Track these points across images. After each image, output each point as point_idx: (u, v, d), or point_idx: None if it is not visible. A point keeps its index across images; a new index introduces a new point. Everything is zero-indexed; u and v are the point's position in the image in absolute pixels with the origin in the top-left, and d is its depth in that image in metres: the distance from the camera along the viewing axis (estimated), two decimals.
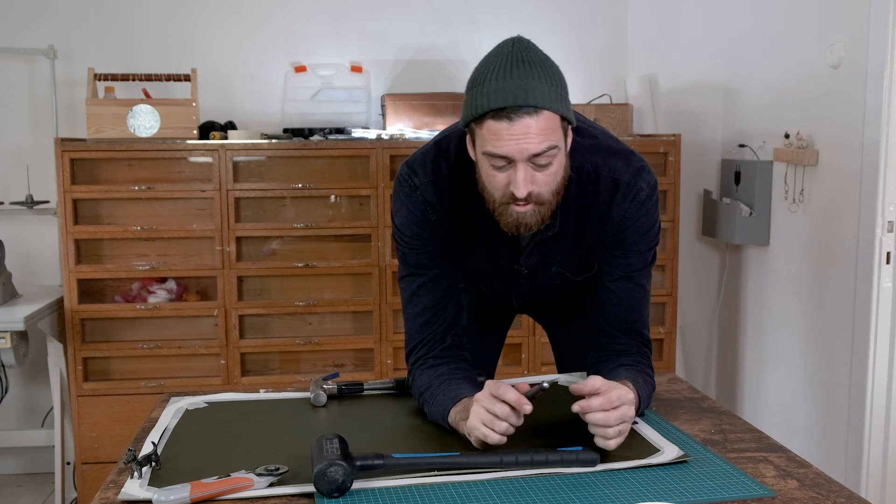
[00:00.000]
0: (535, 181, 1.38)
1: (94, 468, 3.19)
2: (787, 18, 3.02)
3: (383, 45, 3.68)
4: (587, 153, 1.52)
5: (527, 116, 1.33)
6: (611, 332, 1.61)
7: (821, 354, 2.88)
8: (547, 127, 1.35)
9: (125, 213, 3.22)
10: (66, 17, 3.52)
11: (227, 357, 3.23)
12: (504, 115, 1.33)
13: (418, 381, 1.58)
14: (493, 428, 1.34)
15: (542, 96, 1.34)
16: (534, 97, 1.33)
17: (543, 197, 1.40)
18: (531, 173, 1.37)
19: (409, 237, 1.58)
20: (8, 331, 2.93)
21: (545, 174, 1.38)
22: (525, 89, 1.33)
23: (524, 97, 1.32)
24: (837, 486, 1.28)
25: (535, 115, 1.33)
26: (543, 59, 1.38)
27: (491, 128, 1.35)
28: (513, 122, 1.33)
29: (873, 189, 2.57)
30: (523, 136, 1.33)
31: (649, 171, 1.55)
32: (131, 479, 1.28)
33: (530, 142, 1.34)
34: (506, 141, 1.34)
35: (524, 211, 1.40)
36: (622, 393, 1.34)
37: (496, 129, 1.34)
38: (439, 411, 1.50)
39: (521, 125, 1.33)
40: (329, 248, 3.31)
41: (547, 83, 1.35)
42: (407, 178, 1.56)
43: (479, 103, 1.35)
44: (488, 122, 1.35)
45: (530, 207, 1.40)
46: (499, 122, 1.34)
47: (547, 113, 1.34)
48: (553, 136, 1.36)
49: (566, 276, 1.63)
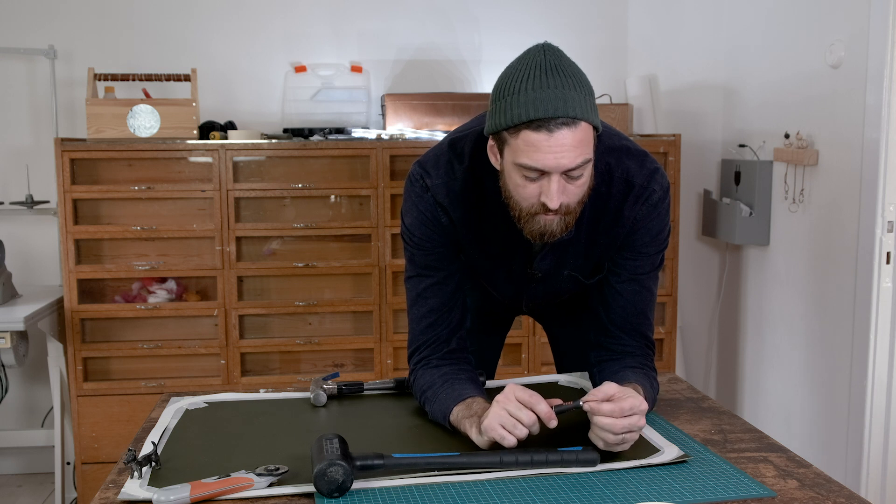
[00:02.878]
0: (566, 192, 1.36)
1: (94, 468, 3.19)
2: (786, 18, 3.02)
3: (383, 45, 3.68)
4: (601, 154, 1.50)
5: (565, 128, 1.31)
6: (615, 332, 1.60)
7: (821, 354, 2.88)
8: (584, 139, 1.33)
9: (125, 213, 3.22)
10: (66, 17, 3.52)
11: (227, 357, 3.23)
12: (543, 126, 1.30)
13: (420, 380, 1.57)
14: (513, 433, 1.33)
15: (580, 107, 1.32)
16: (573, 108, 1.31)
17: (571, 207, 1.39)
18: (563, 185, 1.35)
19: (418, 238, 1.56)
20: (8, 331, 2.93)
21: (576, 185, 1.37)
22: (564, 100, 1.30)
23: (563, 108, 1.30)
24: (837, 486, 1.28)
25: (573, 127, 1.31)
26: (574, 66, 1.36)
27: (528, 139, 1.32)
28: (552, 133, 1.30)
29: (873, 189, 2.57)
30: (560, 148, 1.31)
31: (663, 174, 1.54)
32: (131, 479, 1.28)
33: (567, 155, 1.32)
34: (544, 153, 1.31)
35: (551, 219, 1.39)
36: (636, 403, 1.32)
37: (534, 141, 1.31)
38: (441, 410, 1.49)
39: (559, 137, 1.31)
40: (329, 248, 3.31)
41: (581, 93, 1.33)
42: (419, 178, 1.54)
43: (515, 112, 1.32)
44: (525, 133, 1.32)
45: (558, 217, 1.39)
46: (537, 132, 1.31)
47: (584, 124, 1.33)
48: (587, 148, 1.34)
49: (578, 279, 1.63)
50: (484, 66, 3.72)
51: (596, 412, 1.32)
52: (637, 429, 1.33)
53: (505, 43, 3.63)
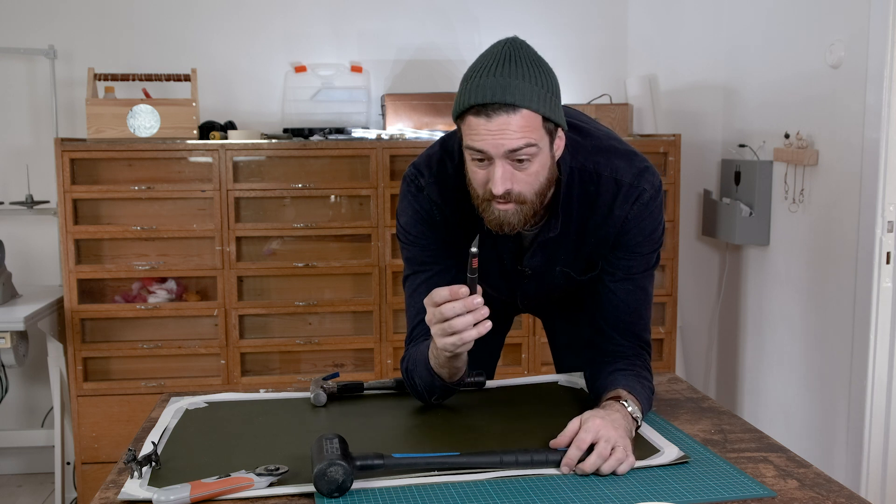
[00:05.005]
0: (515, 179, 1.39)
1: (94, 468, 3.19)
2: (786, 18, 3.02)
3: (383, 45, 3.68)
4: (589, 153, 1.52)
5: (504, 114, 1.34)
6: (608, 332, 1.60)
7: (821, 354, 2.88)
8: (525, 125, 1.35)
9: (125, 213, 3.22)
10: (66, 17, 3.52)
11: (227, 357, 3.23)
12: (483, 111, 1.35)
13: (403, 363, 1.62)
14: (456, 331, 1.36)
15: (522, 95, 1.34)
16: (512, 95, 1.34)
17: (524, 196, 1.41)
18: (510, 171, 1.38)
19: (413, 235, 1.59)
20: (8, 331, 2.93)
21: (525, 173, 1.39)
22: (504, 87, 1.34)
23: (502, 94, 1.34)
24: (837, 486, 1.28)
25: (513, 113, 1.34)
26: (535, 59, 1.39)
27: (470, 123, 1.37)
28: (490, 118, 1.35)
29: (873, 189, 2.57)
30: (500, 132, 1.35)
31: (653, 173, 1.54)
32: (131, 479, 1.28)
33: (507, 137, 1.35)
34: (483, 136, 1.36)
35: (505, 209, 1.41)
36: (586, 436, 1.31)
37: (475, 125, 1.36)
38: (422, 366, 1.51)
39: (497, 122, 1.34)
40: (329, 248, 3.31)
41: (532, 83, 1.36)
42: (413, 178, 1.58)
43: (461, 99, 1.38)
44: (469, 118, 1.37)
45: (511, 206, 1.41)
46: (477, 117, 1.36)
47: (526, 112, 1.35)
48: (532, 134, 1.36)
49: (570, 276, 1.63)
50: None
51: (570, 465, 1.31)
52: (622, 461, 1.30)
53: None
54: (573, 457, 1.31)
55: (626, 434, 1.35)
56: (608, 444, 1.30)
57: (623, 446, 1.31)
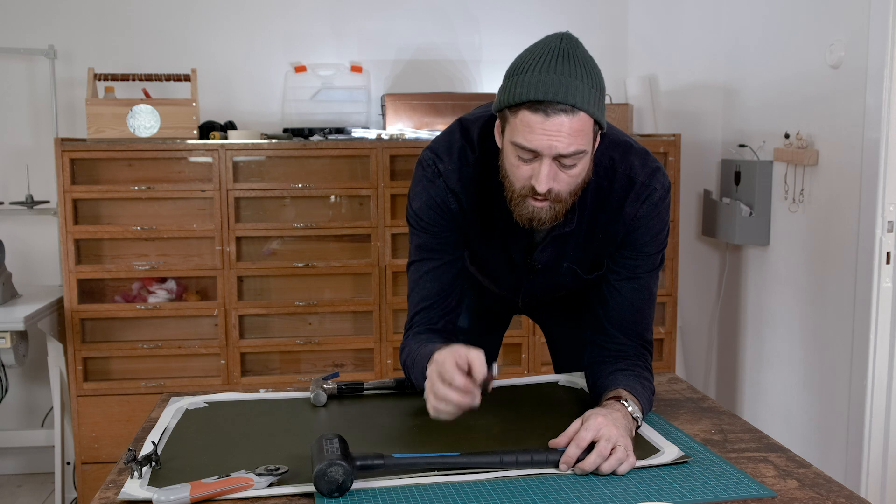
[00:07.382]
0: (558, 179, 1.37)
1: (94, 468, 3.19)
2: (786, 18, 3.02)
3: (383, 45, 3.68)
4: (605, 147, 1.51)
5: (563, 114, 1.32)
6: (611, 331, 1.60)
7: (821, 354, 2.88)
8: (580, 129, 1.34)
9: (125, 213, 3.22)
10: (66, 17, 3.52)
11: (227, 357, 3.23)
12: (541, 108, 1.32)
13: (403, 353, 1.60)
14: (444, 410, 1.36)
15: (582, 97, 1.32)
16: (573, 96, 1.32)
17: (562, 195, 1.40)
18: (555, 171, 1.36)
19: (425, 222, 1.56)
20: (8, 331, 2.93)
21: (568, 174, 1.38)
22: (566, 86, 1.32)
23: (564, 94, 1.31)
24: (837, 486, 1.28)
25: (571, 115, 1.32)
26: (588, 59, 1.37)
27: (525, 119, 1.33)
28: (548, 117, 1.32)
29: (873, 189, 2.57)
30: (556, 133, 1.32)
31: (664, 174, 1.54)
32: (131, 479, 1.28)
33: (561, 141, 1.32)
34: (538, 135, 1.33)
35: (541, 206, 1.40)
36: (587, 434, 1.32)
37: (530, 122, 1.33)
38: (419, 372, 1.49)
39: (555, 122, 1.32)
40: (329, 248, 3.31)
41: (588, 84, 1.34)
42: (431, 162, 1.55)
43: (517, 91, 1.34)
44: (523, 113, 1.34)
45: (547, 203, 1.40)
46: (534, 114, 1.32)
47: (583, 114, 1.33)
48: (583, 139, 1.35)
49: (576, 273, 1.63)
50: (484, 67, 3.72)
51: (568, 463, 1.31)
52: (622, 461, 1.30)
53: (505, 43, 3.63)
54: (572, 454, 1.31)
55: (627, 433, 1.35)
56: (609, 442, 1.30)
57: (624, 446, 1.31)
